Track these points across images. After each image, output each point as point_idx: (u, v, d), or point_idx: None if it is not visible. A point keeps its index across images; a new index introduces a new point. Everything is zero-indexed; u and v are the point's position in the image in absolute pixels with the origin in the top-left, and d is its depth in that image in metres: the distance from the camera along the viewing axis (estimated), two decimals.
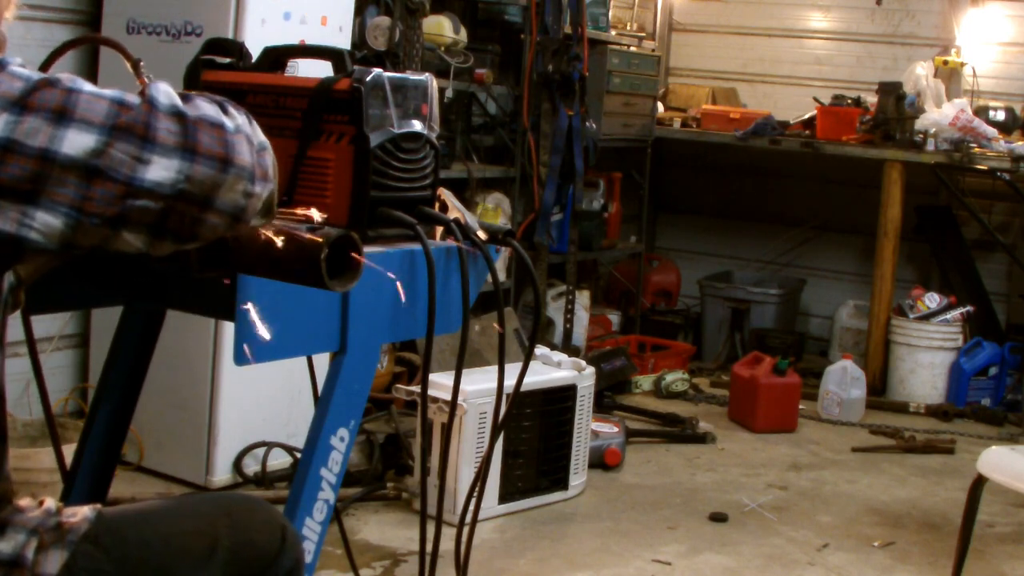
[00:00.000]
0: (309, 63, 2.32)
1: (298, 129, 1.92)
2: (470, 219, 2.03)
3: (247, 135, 1.44)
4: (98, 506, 1.60)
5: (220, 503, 1.77)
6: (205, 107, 1.42)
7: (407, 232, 1.93)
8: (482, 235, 2.03)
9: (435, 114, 1.98)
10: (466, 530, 2.14)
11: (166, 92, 1.41)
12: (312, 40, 3.72)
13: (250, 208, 1.44)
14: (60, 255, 1.42)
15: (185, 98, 1.42)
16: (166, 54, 3.95)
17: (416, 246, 1.93)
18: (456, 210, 2.03)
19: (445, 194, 2.04)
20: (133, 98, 1.38)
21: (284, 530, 1.72)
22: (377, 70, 1.89)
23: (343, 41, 4.25)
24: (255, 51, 2.07)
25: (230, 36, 3.86)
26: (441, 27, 5.32)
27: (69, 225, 1.34)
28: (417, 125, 1.94)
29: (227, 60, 2.06)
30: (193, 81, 2.06)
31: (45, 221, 1.33)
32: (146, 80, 1.74)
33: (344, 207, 1.89)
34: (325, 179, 1.90)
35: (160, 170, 1.35)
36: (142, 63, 1.83)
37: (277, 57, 2.06)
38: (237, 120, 1.44)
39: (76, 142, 1.32)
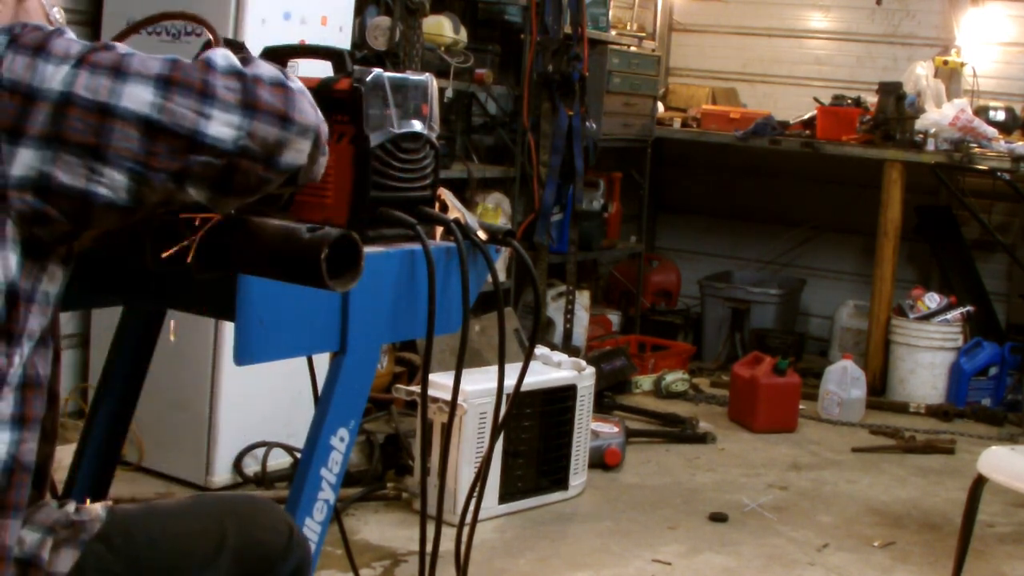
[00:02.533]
0: (309, 63, 2.32)
1: None
2: (470, 219, 2.03)
3: (309, 94, 1.46)
4: (110, 503, 1.60)
5: (228, 503, 1.77)
6: (265, 67, 1.44)
7: (407, 232, 1.93)
8: (482, 235, 2.03)
9: (435, 114, 1.98)
10: (466, 530, 2.14)
11: (223, 54, 1.43)
12: (312, 40, 3.72)
13: (315, 169, 1.48)
14: (127, 215, 1.43)
15: (245, 60, 1.44)
16: (166, 54, 3.95)
17: (416, 246, 1.93)
18: (456, 210, 2.03)
19: (445, 194, 2.04)
20: (187, 59, 1.41)
21: (291, 530, 1.72)
22: (377, 70, 1.89)
23: (343, 41, 4.25)
24: (255, 51, 2.07)
25: (230, 36, 3.86)
26: (441, 27, 5.32)
27: (135, 179, 1.37)
28: (417, 125, 1.94)
29: None
30: None
31: (112, 176, 1.36)
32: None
33: (344, 207, 1.89)
34: (325, 179, 1.90)
35: (221, 126, 1.38)
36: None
37: (277, 57, 2.06)
38: (296, 82, 1.46)
39: (135, 95, 1.35)
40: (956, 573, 3.42)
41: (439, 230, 2.02)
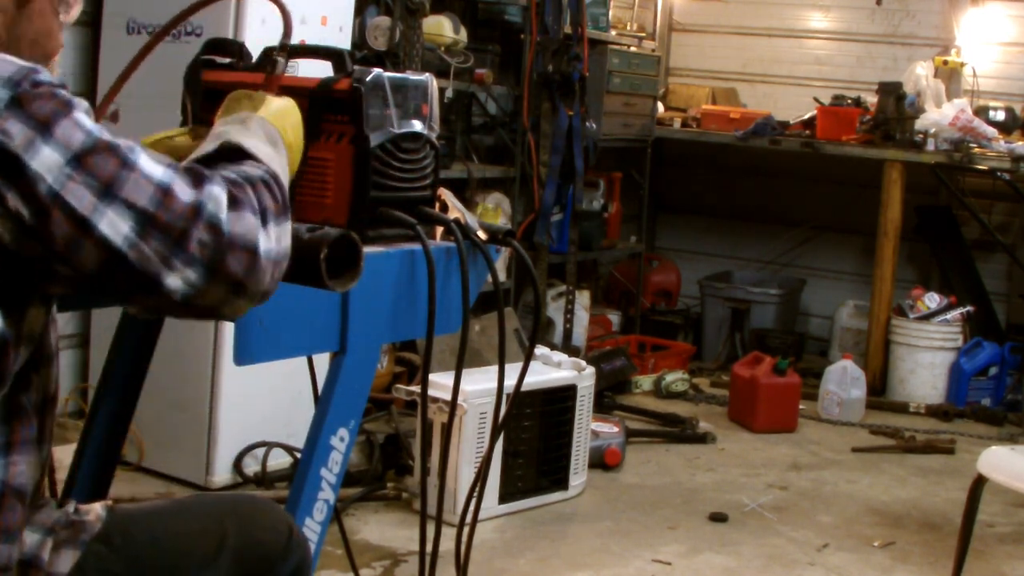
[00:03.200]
0: (309, 63, 2.32)
1: None
2: (470, 219, 2.03)
3: (275, 257, 1.43)
4: (110, 503, 1.60)
5: (228, 503, 1.77)
6: (247, 220, 1.39)
7: (407, 232, 1.93)
8: (482, 235, 2.03)
9: (435, 114, 1.98)
10: (466, 530, 2.14)
11: (217, 197, 1.38)
12: (312, 40, 3.71)
13: (239, 314, 1.46)
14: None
15: (234, 201, 1.39)
16: (166, 54, 3.92)
17: (416, 246, 1.93)
18: (456, 210, 2.03)
19: (445, 194, 2.04)
20: (184, 191, 1.36)
21: (291, 530, 1.72)
22: (377, 70, 1.89)
23: (343, 41, 4.25)
24: (255, 51, 2.07)
25: (230, 36, 3.86)
26: (441, 27, 5.32)
27: (83, 287, 1.37)
28: (417, 125, 1.94)
29: (227, 60, 2.06)
30: (193, 81, 2.06)
31: (66, 274, 1.35)
32: (278, 62, 1.76)
33: (344, 207, 1.89)
34: (325, 179, 1.90)
35: (177, 279, 1.36)
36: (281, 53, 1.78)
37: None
38: (271, 237, 1.42)
39: (115, 224, 1.32)
40: (956, 573, 3.42)
41: (439, 230, 2.02)
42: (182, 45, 3.95)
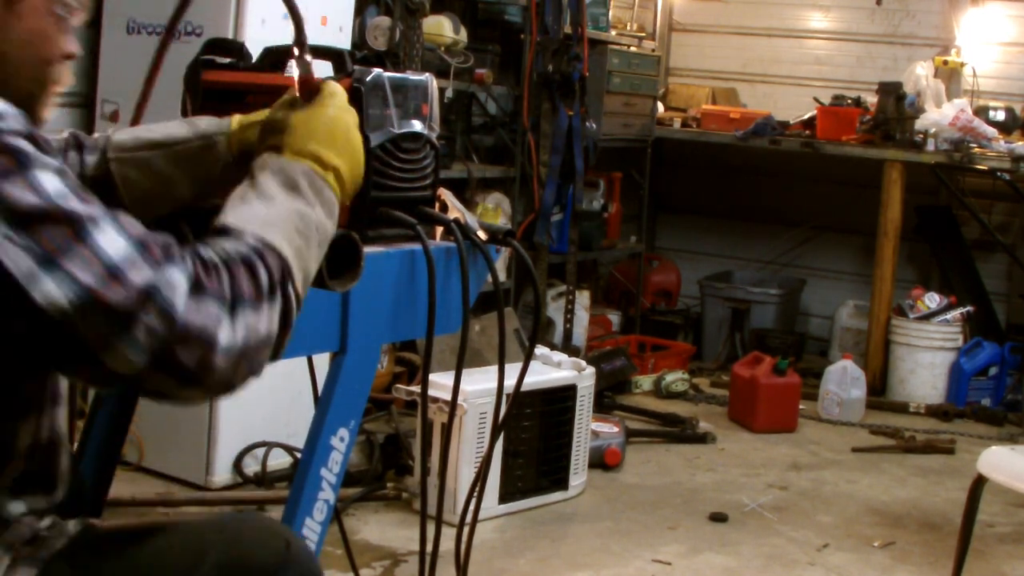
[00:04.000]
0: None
1: None
2: (470, 219, 2.03)
3: (239, 351, 1.33)
4: (90, 521, 1.54)
5: (213, 520, 1.69)
6: (207, 310, 1.29)
7: (407, 232, 1.93)
8: (482, 235, 2.03)
9: (436, 114, 1.98)
10: (466, 530, 2.14)
11: (175, 283, 1.28)
12: (312, 40, 3.71)
13: (197, 402, 1.38)
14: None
15: (197, 287, 1.29)
16: (166, 54, 3.94)
17: (416, 246, 1.93)
18: (456, 210, 2.03)
19: (445, 194, 2.04)
20: (138, 273, 1.26)
21: (288, 544, 1.61)
22: (377, 70, 1.89)
23: (343, 41, 4.25)
24: (255, 50, 2.07)
25: (230, 36, 3.86)
26: (441, 27, 5.32)
27: (16, 354, 1.29)
28: (417, 125, 1.94)
29: (227, 60, 2.06)
30: (193, 81, 2.06)
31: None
32: (306, 60, 1.66)
33: (345, 207, 1.89)
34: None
35: (120, 361, 1.26)
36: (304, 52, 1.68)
37: (277, 57, 2.06)
38: (236, 329, 1.32)
39: (50, 295, 1.22)
40: (956, 573, 3.42)
41: (439, 230, 2.02)
42: (182, 45, 3.94)
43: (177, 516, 3.53)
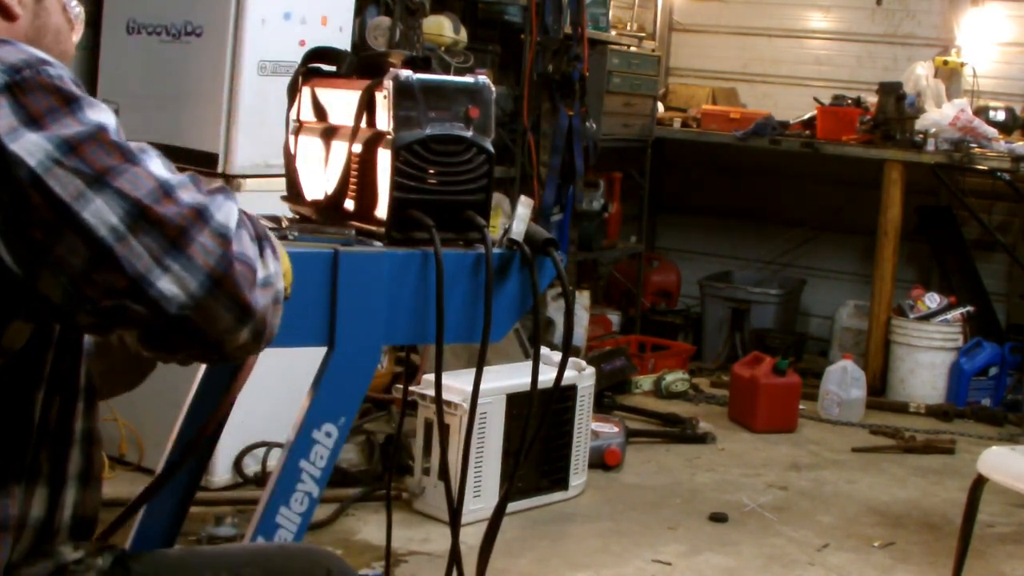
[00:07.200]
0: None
1: None
2: (517, 226, 2.00)
3: (275, 291, 1.32)
4: (120, 549, 1.51)
5: (255, 550, 1.67)
6: (247, 244, 1.29)
7: (449, 236, 1.94)
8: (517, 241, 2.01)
9: (488, 118, 1.97)
10: (477, 529, 2.11)
11: (227, 209, 1.27)
12: (312, 40, 3.71)
13: (244, 354, 1.32)
14: (59, 317, 1.29)
15: (240, 220, 1.29)
16: (166, 54, 3.95)
17: (450, 249, 1.93)
18: (505, 216, 2.02)
19: (498, 200, 2.03)
20: (189, 195, 1.25)
21: (328, 574, 1.61)
22: (407, 72, 1.90)
23: (343, 41, 4.25)
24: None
25: (230, 36, 3.86)
26: (441, 27, 5.32)
27: (67, 297, 1.22)
28: (456, 128, 1.94)
29: (332, 68, 2.11)
30: (293, 90, 2.12)
31: (48, 281, 1.22)
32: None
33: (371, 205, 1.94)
34: (366, 178, 1.95)
35: (171, 284, 1.22)
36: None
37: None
38: (269, 269, 1.32)
39: (101, 213, 1.20)
40: (956, 573, 3.42)
41: (501, 235, 2.01)
42: (182, 45, 3.95)
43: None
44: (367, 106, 1.94)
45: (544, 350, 4.51)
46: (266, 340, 1.33)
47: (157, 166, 1.26)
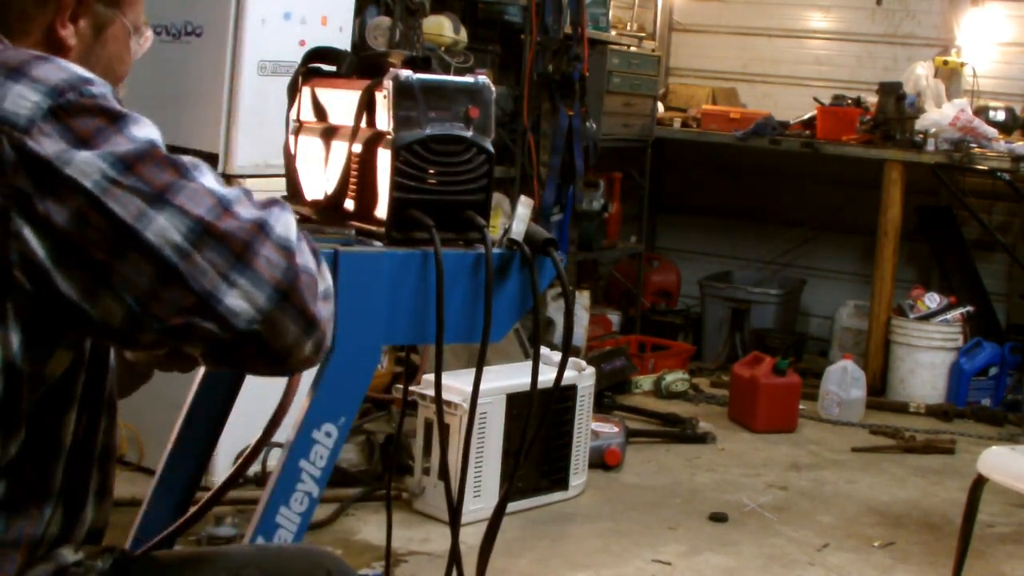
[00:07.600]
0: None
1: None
2: (517, 226, 2.00)
3: (332, 303, 1.33)
4: (120, 550, 1.51)
5: (255, 551, 1.67)
6: (309, 256, 1.28)
7: (449, 236, 1.93)
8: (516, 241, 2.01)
9: (488, 118, 1.96)
10: (475, 529, 2.12)
11: (285, 221, 1.27)
12: (312, 40, 3.72)
13: (306, 366, 1.32)
14: (121, 342, 1.29)
15: (299, 237, 1.29)
16: (166, 54, 3.95)
17: (447, 249, 1.93)
18: (505, 216, 2.02)
19: (498, 200, 2.03)
20: (247, 209, 1.25)
21: (328, 573, 1.61)
22: (407, 72, 1.90)
23: (343, 41, 4.25)
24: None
25: (230, 36, 3.86)
26: (441, 27, 5.32)
27: (130, 318, 1.21)
28: (457, 128, 1.94)
29: (332, 68, 2.10)
30: (293, 90, 2.11)
31: (108, 304, 1.21)
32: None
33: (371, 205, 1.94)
34: (366, 178, 1.95)
35: (239, 299, 1.22)
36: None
37: (372, 63, 2.09)
38: (327, 280, 1.32)
39: (164, 231, 1.19)
40: (956, 573, 3.42)
41: (500, 236, 2.01)
42: (182, 45, 3.95)
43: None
44: (367, 106, 1.94)
45: (544, 350, 4.51)
46: (323, 352, 1.33)
47: (211, 181, 1.26)
